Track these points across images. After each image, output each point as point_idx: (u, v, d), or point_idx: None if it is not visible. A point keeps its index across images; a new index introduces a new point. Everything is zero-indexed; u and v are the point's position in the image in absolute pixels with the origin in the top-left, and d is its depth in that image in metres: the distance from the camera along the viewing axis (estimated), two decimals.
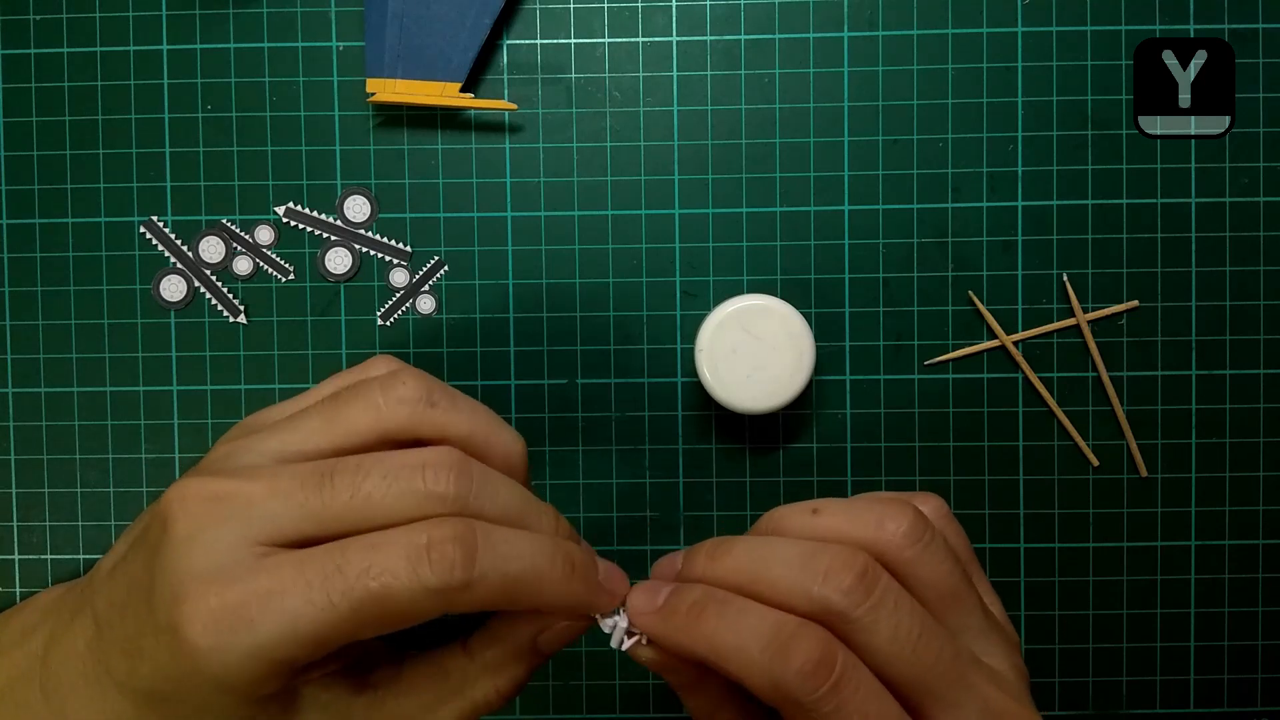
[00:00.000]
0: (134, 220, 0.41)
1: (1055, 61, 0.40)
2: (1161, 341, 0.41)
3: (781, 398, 0.37)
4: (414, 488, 0.25)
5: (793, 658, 0.23)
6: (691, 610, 0.26)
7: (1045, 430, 0.41)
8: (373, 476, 0.25)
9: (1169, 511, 0.41)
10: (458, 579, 0.24)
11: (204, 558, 0.24)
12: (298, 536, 0.25)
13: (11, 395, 0.41)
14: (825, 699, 0.23)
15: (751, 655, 0.24)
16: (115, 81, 0.41)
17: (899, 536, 0.26)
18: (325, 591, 0.23)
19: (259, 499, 0.25)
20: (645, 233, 0.41)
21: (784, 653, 0.23)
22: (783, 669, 0.23)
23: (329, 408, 0.27)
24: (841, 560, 0.25)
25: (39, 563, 0.41)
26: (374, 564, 0.23)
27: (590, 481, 0.41)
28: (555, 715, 0.41)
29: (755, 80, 0.41)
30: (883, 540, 0.26)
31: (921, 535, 0.26)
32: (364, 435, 0.27)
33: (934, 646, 0.24)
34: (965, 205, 0.41)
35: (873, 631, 0.24)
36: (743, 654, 0.24)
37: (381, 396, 0.27)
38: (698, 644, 0.25)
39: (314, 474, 0.25)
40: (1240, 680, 0.41)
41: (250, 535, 0.24)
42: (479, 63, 0.40)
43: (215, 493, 0.25)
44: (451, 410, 0.28)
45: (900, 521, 0.26)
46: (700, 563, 0.27)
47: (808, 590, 0.24)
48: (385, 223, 0.41)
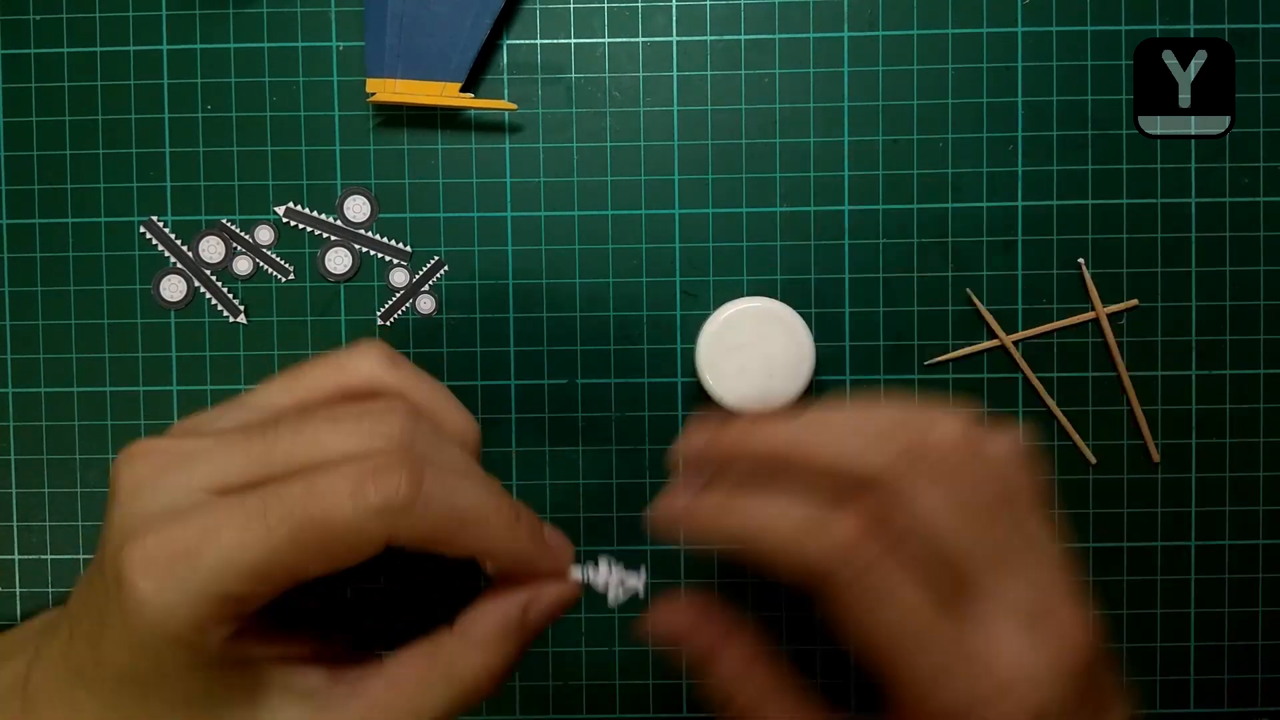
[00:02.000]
0: (134, 220, 0.41)
1: (1055, 61, 0.40)
2: (1162, 341, 0.41)
3: (782, 400, 0.37)
4: (359, 427, 0.24)
5: (826, 537, 0.24)
6: (717, 507, 0.26)
7: (1046, 430, 0.41)
8: (317, 419, 0.25)
9: (1169, 511, 0.41)
10: (402, 499, 0.23)
11: (148, 504, 0.24)
12: (243, 482, 0.24)
13: (11, 395, 0.41)
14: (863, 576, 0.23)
15: (784, 536, 0.24)
16: (115, 81, 0.41)
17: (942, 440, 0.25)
18: (263, 519, 0.23)
19: (204, 451, 0.25)
20: (645, 233, 0.41)
21: (818, 534, 0.24)
22: (815, 548, 0.24)
23: (290, 373, 0.28)
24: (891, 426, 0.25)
25: (39, 563, 0.41)
26: (314, 488, 0.23)
27: (590, 481, 0.41)
28: (555, 715, 0.41)
29: (755, 80, 0.41)
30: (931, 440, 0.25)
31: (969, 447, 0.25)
32: (324, 394, 0.27)
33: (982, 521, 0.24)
34: (965, 205, 0.41)
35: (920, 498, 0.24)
36: (776, 536, 0.24)
37: (345, 357, 0.27)
38: (734, 526, 0.25)
39: (259, 423, 0.25)
40: (1240, 680, 0.41)
41: (195, 483, 0.24)
42: (479, 63, 0.40)
43: (161, 448, 0.25)
44: (412, 377, 0.28)
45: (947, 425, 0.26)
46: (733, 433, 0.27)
47: (855, 451, 0.25)
48: (385, 223, 0.41)
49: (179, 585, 0.23)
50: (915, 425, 0.26)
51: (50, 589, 0.41)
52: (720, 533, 0.26)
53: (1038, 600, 0.24)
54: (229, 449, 0.25)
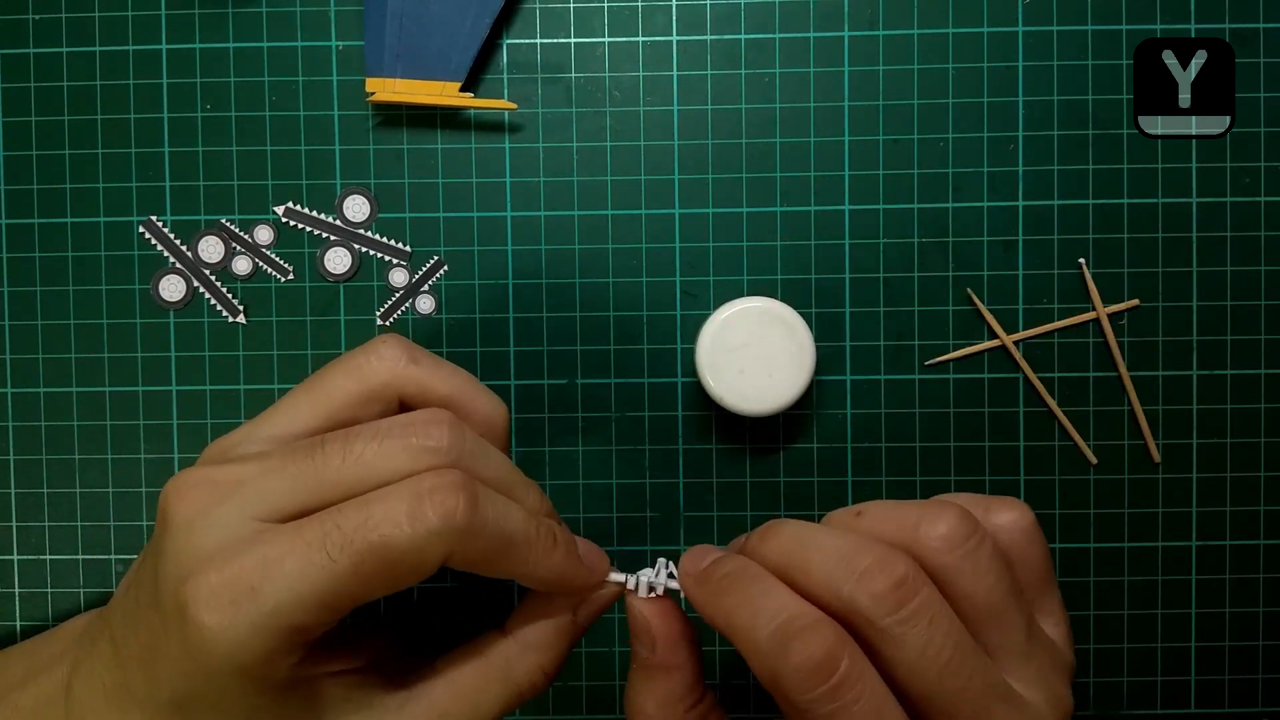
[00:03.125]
0: (133, 220, 0.41)
1: (1056, 61, 0.40)
2: (1162, 341, 0.41)
3: (782, 399, 0.37)
4: (407, 444, 0.25)
5: (794, 652, 0.22)
6: (723, 580, 0.25)
7: (1046, 430, 0.41)
8: (363, 437, 0.25)
9: (1170, 512, 0.41)
10: (461, 520, 0.23)
11: (204, 539, 0.24)
12: (296, 509, 0.24)
13: (10, 395, 0.41)
14: (820, 701, 0.22)
15: (758, 639, 0.23)
16: (114, 81, 0.41)
17: (936, 540, 0.24)
18: (324, 550, 0.23)
19: (253, 478, 0.25)
20: (645, 233, 0.41)
21: (787, 644, 0.22)
22: (782, 661, 0.22)
23: (313, 381, 0.28)
24: (881, 563, 0.23)
25: (39, 563, 0.41)
26: (371, 515, 0.23)
27: (590, 481, 0.41)
28: (555, 715, 0.41)
29: (755, 80, 0.41)
30: (921, 542, 0.24)
31: (963, 541, 0.24)
32: (349, 399, 0.27)
33: (963, 673, 0.23)
34: (966, 205, 0.40)
35: (900, 645, 0.23)
36: (751, 635, 0.23)
37: (362, 358, 0.27)
38: (716, 614, 0.25)
39: (305, 445, 0.25)
40: (1241, 681, 0.41)
41: (248, 512, 0.24)
42: (479, 62, 0.40)
43: (210, 478, 0.25)
44: (434, 369, 0.28)
45: (938, 524, 0.24)
46: (753, 539, 0.26)
47: (839, 588, 0.23)
48: (385, 222, 0.41)
49: (246, 620, 0.23)
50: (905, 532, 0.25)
51: (49, 589, 0.41)
52: (709, 615, 0.25)
53: None
54: (278, 475, 0.25)
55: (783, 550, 0.25)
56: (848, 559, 0.23)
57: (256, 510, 0.24)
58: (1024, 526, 0.26)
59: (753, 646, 0.23)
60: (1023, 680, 0.24)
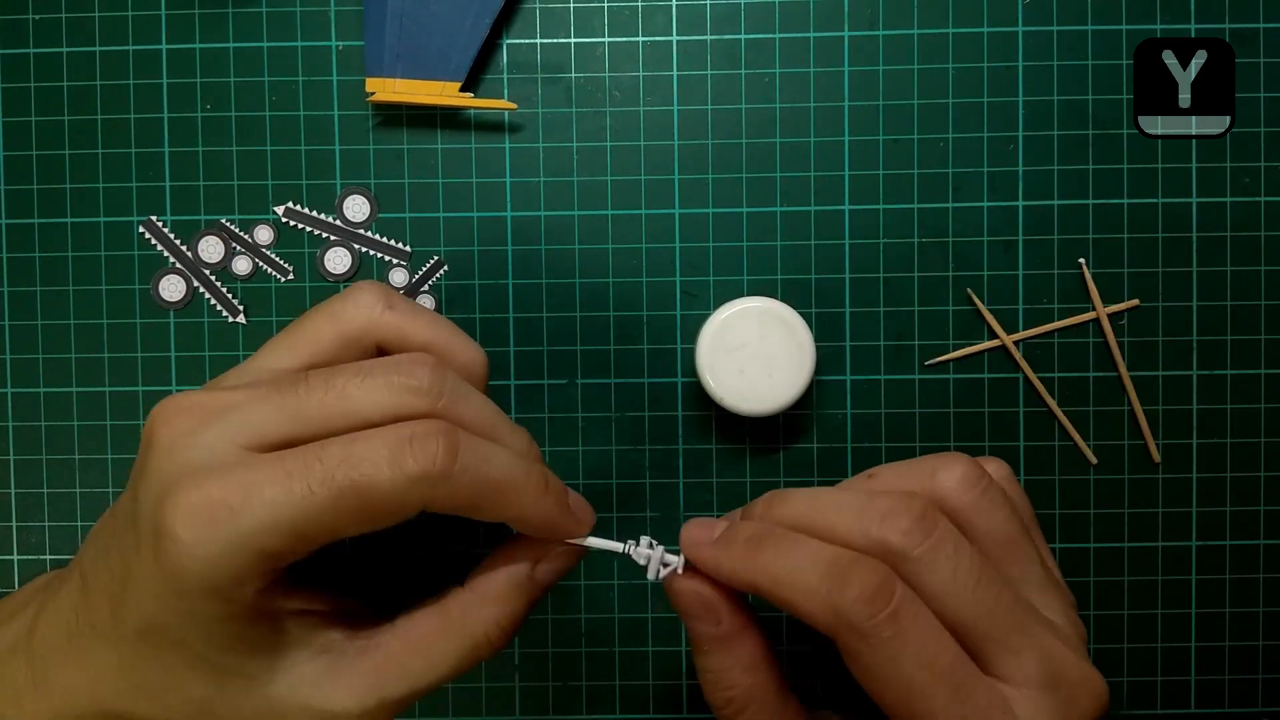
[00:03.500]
0: (133, 220, 0.41)
1: (1056, 61, 0.40)
2: (1162, 341, 0.41)
3: (782, 400, 0.37)
4: (389, 381, 0.25)
5: (851, 584, 0.23)
6: (750, 541, 0.26)
7: (1046, 430, 0.41)
8: (346, 374, 0.25)
9: (1170, 512, 0.41)
10: (439, 468, 0.24)
11: (187, 459, 0.24)
12: (280, 439, 0.25)
13: (10, 395, 0.41)
14: (884, 625, 0.23)
15: (810, 582, 0.24)
16: (114, 81, 0.41)
17: (954, 483, 0.26)
18: (305, 480, 0.23)
19: (239, 405, 0.25)
20: (645, 233, 0.41)
21: (843, 579, 0.24)
22: (841, 595, 0.23)
23: (294, 327, 0.28)
24: (900, 503, 0.25)
25: (38, 563, 0.41)
26: (354, 454, 0.24)
27: (590, 482, 0.41)
28: (555, 716, 0.41)
29: (755, 80, 0.41)
30: (939, 488, 0.26)
31: (977, 482, 0.26)
32: (328, 344, 0.28)
33: (993, 591, 0.24)
34: (966, 205, 0.40)
35: (932, 571, 0.24)
36: (801, 581, 0.24)
37: (340, 304, 0.28)
38: (756, 573, 0.25)
39: (290, 378, 0.26)
40: (1241, 681, 0.41)
41: (232, 438, 0.25)
42: (479, 62, 0.40)
43: (197, 403, 0.25)
44: (410, 314, 0.28)
45: (954, 469, 0.26)
46: (757, 510, 0.27)
47: (866, 531, 0.25)
48: (385, 222, 0.41)
49: (221, 538, 0.23)
50: (920, 482, 0.27)
51: None
52: (744, 575, 0.25)
53: (1051, 663, 0.25)
54: (263, 404, 0.25)
55: (799, 510, 0.26)
56: (867, 506, 0.25)
57: (241, 436, 0.25)
58: (1006, 475, 0.29)
59: (804, 590, 0.24)
60: (1046, 608, 0.26)
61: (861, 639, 0.23)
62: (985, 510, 0.26)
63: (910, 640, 0.23)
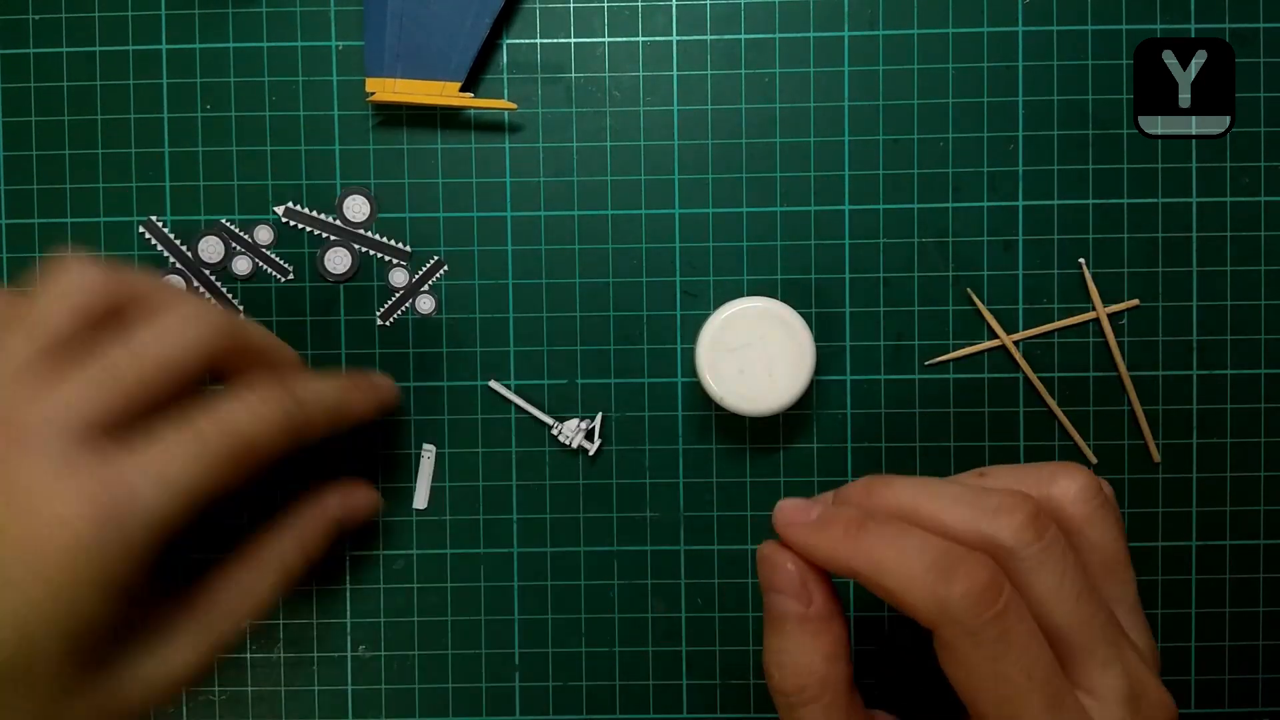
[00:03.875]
0: (133, 220, 0.41)
1: (1056, 61, 0.40)
2: (1162, 341, 0.41)
3: (782, 400, 0.37)
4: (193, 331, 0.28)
5: (959, 579, 0.23)
6: (851, 525, 0.25)
7: (1046, 430, 0.41)
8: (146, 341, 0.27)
9: (1170, 512, 0.41)
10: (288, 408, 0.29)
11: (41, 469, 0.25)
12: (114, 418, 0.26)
13: None
14: (990, 625, 0.23)
15: (915, 572, 0.23)
16: (114, 81, 0.41)
17: (1075, 491, 0.26)
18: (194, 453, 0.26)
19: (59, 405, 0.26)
20: (645, 233, 0.41)
21: (950, 573, 0.23)
22: (948, 589, 0.23)
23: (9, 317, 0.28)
24: (1014, 502, 0.24)
25: None
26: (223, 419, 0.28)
27: (590, 482, 0.41)
28: (555, 715, 0.41)
29: (755, 80, 0.41)
30: (1057, 495, 0.26)
31: (1095, 495, 0.26)
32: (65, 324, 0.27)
33: (1093, 603, 0.24)
34: (966, 205, 0.40)
35: (1039, 574, 0.24)
36: (906, 570, 0.23)
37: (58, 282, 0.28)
38: (856, 557, 0.24)
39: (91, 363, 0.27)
40: (1241, 681, 0.41)
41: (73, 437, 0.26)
42: (479, 62, 0.40)
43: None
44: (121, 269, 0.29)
45: (1077, 478, 0.26)
46: (856, 494, 0.26)
47: (977, 525, 0.24)
48: (385, 223, 0.41)
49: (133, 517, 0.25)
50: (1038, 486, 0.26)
51: None
52: (843, 558, 0.25)
53: (1135, 682, 0.25)
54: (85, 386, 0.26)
55: (905, 498, 0.26)
56: (978, 500, 0.25)
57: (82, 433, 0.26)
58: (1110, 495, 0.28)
59: (909, 580, 0.23)
60: (1133, 630, 0.26)
61: (965, 636, 0.23)
62: (1099, 525, 0.26)
63: (1014, 643, 0.23)
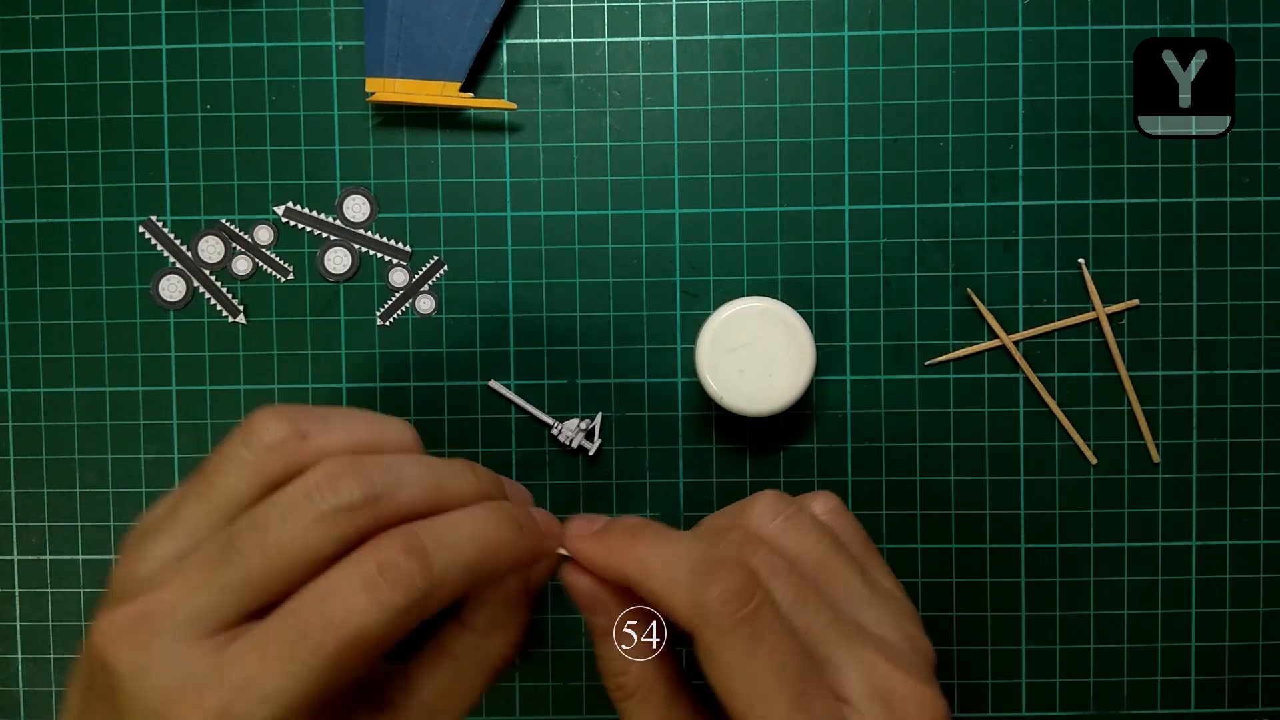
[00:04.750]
0: (133, 220, 0.41)
1: (1056, 61, 0.40)
2: (1162, 341, 0.41)
3: (782, 400, 0.37)
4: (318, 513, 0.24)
5: (716, 581, 0.24)
6: (625, 533, 0.27)
7: (1046, 430, 0.41)
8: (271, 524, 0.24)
9: (1170, 512, 0.41)
10: (420, 588, 0.23)
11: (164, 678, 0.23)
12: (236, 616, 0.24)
13: (10, 395, 0.41)
14: (742, 624, 0.24)
15: (677, 575, 0.25)
16: (114, 81, 0.41)
17: (757, 516, 0.29)
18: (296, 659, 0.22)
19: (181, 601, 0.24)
20: (645, 233, 0.41)
21: (709, 576, 0.24)
22: (705, 590, 0.24)
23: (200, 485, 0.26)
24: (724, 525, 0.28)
25: (38, 563, 0.41)
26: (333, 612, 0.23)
27: (590, 482, 0.41)
28: (555, 715, 0.41)
29: (755, 80, 0.41)
30: (750, 524, 0.28)
31: (782, 510, 0.28)
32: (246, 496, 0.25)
33: (811, 610, 0.26)
34: (966, 205, 0.40)
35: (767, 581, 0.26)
36: (669, 574, 0.25)
37: (247, 450, 0.25)
38: (627, 564, 0.26)
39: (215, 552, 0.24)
40: (1241, 681, 0.41)
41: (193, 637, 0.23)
42: (479, 62, 0.40)
43: (134, 616, 0.24)
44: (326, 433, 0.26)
45: (756, 503, 0.29)
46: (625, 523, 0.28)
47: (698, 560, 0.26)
48: (385, 222, 0.41)
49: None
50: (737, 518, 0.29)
51: (49, 589, 0.41)
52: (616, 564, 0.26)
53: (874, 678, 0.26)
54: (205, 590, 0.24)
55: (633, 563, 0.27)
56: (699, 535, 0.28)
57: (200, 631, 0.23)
58: (834, 506, 0.31)
59: (672, 584, 0.25)
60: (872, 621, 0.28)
61: (719, 635, 0.24)
62: (791, 535, 0.28)
63: (764, 640, 0.24)
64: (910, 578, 0.41)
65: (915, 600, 0.40)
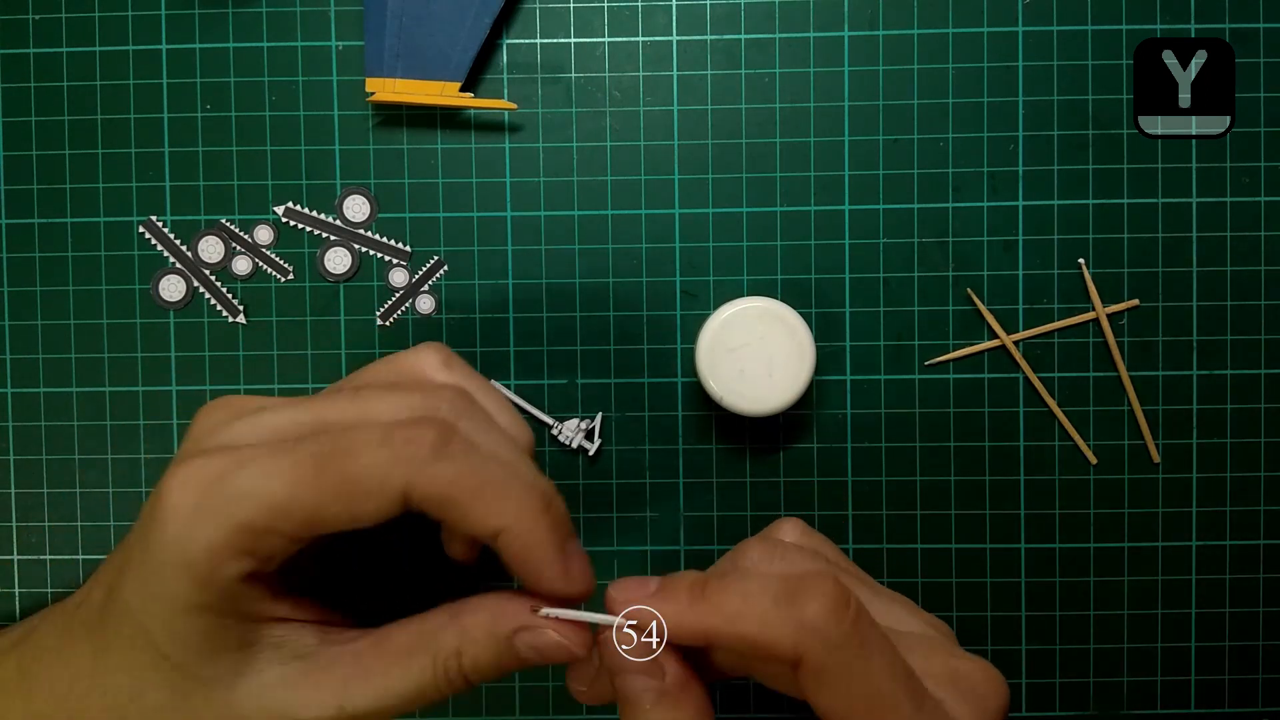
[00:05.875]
0: (133, 220, 0.41)
1: (1056, 61, 0.40)
2: (1162, 341, 0.41)
3: (782, 400, 0.37)
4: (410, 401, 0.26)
5: (809, 598, 0.23)
6: (694, 587, 0.25)
7: (1046, 430, 0.41)
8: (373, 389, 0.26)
9: (1170, 512, 0.41)
10: (424, 451, 0.24)
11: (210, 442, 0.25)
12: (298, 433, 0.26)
13: (10, 395, 0.41)
14: (850, 634, 0.23)
15: (765, 608, 0.23)
16: (114, 81, 0.41)
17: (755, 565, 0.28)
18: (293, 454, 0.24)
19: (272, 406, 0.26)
20: (645, 233, 0.41)
21: (799, 596, 0.23)
22: (802, 610, 0.23)
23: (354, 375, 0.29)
24: None
25: (38, 563, 0.41)
26: (345, 435, 0.24)
27: (590, 482, 0.41)
28: (555, 715, 0.41)
29: (755, 80, 0.41)
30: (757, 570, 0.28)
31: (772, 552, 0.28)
32: None
33: None
34: (966, 205, 0.40)
35: None
36: (757, 610, 0.23)
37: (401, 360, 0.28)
38: (707, 616, 0.24)
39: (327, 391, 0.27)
40: (1241, 681, 0.41)
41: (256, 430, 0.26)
42: (479, 62, 0.40)
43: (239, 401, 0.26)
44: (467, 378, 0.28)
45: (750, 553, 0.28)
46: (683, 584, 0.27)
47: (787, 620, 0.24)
48: (385, 222, 0.41)
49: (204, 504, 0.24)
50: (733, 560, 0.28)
51: (50, 589, 0.41)
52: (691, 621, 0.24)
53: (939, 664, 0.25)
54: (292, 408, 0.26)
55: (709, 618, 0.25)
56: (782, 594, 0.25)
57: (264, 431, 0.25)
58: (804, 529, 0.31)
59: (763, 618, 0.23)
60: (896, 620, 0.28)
61: (829, 651, 0.23)
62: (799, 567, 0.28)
63: (874, 647, 0.23)
64: (910, 578, 0.41)
65: (915, 600, 0.40)
